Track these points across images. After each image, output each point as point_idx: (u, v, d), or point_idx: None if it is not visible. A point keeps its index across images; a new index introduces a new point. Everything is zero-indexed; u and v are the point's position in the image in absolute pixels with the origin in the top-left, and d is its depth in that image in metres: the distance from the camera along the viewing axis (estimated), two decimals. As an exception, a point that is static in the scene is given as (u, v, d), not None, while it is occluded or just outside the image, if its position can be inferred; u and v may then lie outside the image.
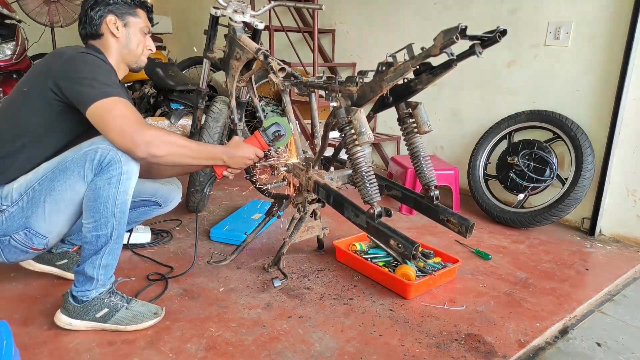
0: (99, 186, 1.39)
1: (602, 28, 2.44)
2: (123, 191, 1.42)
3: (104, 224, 1.42)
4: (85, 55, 1.45)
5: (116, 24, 1.57)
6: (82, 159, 1.39)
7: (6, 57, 3.33)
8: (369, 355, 1.43)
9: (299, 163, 1.82)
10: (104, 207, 1.40)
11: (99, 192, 1.39)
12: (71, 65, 1.41)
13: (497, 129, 2.80)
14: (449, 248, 2.22)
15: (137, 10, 1.62)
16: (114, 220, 1.43)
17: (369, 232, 1.48)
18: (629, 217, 2.46)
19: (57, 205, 1.43)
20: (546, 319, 1.66)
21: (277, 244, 2.19)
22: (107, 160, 1.38)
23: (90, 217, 1.42)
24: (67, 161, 1.41)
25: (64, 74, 1.40)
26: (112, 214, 1.42)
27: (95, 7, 1.55)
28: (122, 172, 1.39)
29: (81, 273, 1.46)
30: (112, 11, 1.57)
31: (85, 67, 1.41)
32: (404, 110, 1.62)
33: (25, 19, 4.13)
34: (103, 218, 1.41)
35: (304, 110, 3.70)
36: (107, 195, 1.40)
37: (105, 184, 1.39)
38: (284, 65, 1.72)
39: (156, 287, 1.78)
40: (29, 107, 1.45)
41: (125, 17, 1.59)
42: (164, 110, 3.86)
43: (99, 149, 1.38)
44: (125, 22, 1.59)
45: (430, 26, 3.25)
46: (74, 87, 1.38)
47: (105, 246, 1.44)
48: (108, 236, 1.43)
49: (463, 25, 1.15)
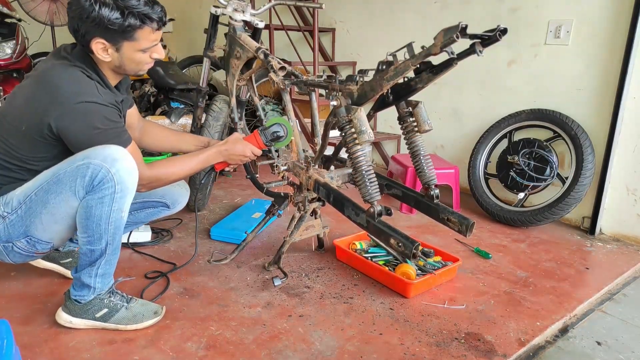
0: (91, 205, 1.34)
1: (603, 27, 2.44)
2: (117, 209, 1.37)
3: (98, 240, 1.39)
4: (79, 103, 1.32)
5: (106, 48, 1.37)
6: (74, 174, 1.33)
7: (6, 56, 3.33)
8: (369, 354, 1.43)
9: (299, 162, 1.82)
10: (97, 225, 1.37)
11: (91, 211, 1.35)
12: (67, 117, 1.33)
13: (498, 128, 2.80)
14: (449, 247, 2.22)
15: (135, 33, 1.37)
16: (107, 236, 1.39)
17: (369, 231, 1.48)
18: (629, 216, 2.46)
19: (53, 216, 1.39)
20: (546, 318, 1.66)
21: (277, 243, 2.19)
22: (99, 178, 1.32)
23: (84, 232, 1.39)
24: (60, 174, 1.35)
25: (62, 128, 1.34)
26: (105, 230, 1.38)
27: (81, 25, 1.33)
28: (115, 192, 1.34)
29: (78, 279, 1.46)
30: (100, 35, 1.34)
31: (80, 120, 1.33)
32: (404, 109, 1.62)
33: (26, 18, 4.13)
34: (96, 234, 1.38)
35: (305, 109, 3.70)
36: (100, 214, 1.35)
37: (97, 203, 1.34)
38: (284, 64, 1.71)
39: (157, 287, 1.78)
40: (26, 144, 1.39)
41: (118, 42, 1.36)
42: (164, 109, 3.86)
43: (90, 165, 1.31)
44: (117, 46, 1.37)
45: (430, 25, 3.25)
46: (72, 140, 1.36)
47: (100, 258, 1.42)
48: (102, 250, 1.41)
49: (463, 24, 1.15)
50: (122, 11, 1.32)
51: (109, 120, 1.38)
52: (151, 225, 2.27)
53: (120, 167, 1.33)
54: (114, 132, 1.40)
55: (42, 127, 1.35)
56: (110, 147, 1.35)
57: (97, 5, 1.30)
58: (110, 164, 1.32)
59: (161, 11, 1.40)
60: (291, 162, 1.86)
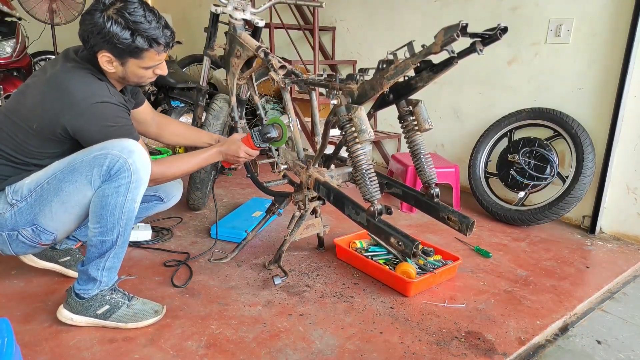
0: (107, 194, 1.38)
1: (603, 25, 2.43)
2: (131, 199, 1.41)
3: (110, 230, 1.42)
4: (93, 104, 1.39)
5: (111, 61, 1.43)
6: (91, 163, 1.37)
7: (6, 55, 3.33)
8: (369, 353, 1.43)
9: (299, 161, 1.82)
10: (111, 215, 1.40)
11: (106, 200, 1.38)
12: (82, 118, 1.39)
13: (498, 127, 2.80)
14: (449, 246, 2.23)
15: (141, 53, 1.42)
16: (120, 227, 1.42)
17: (370, 229, 1.48)
18: (629, 215, 2.46)
19: (64, 205, 1.42)
20: (546, 317, 1.66)
21: (277, 242, 2.19)
22: (117, 168, 1.36)
23: (97, 222, 1.41)
24: (77, 163, 1.39)
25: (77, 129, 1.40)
26: (118, 221, 1.41)
27: (91, 37, 1.38)
28: (131, 181, 1.38)
29: (85, 273, 1.47)
30: (108, 49, 1.39)
31: (95, 120, 1.40)
32: (405, 108, 1.61)
33: (26, 17, 4.13)
34: (110, 224, 1.41)
35: (305, 107, 3.70)
36: (115, 203, 1.39)
37: (113, 192, 1.38)
38: (285, 62, 1.71)
39: (158, 286, 1.79)
40: (36, 141, 1.44)
41: (124, 58, 1.42)
42: (164, 107, 3.87)
43: (108, 155, 1.36)
44: (123, 61, 1.43)
45: (430, 24, 3.25)
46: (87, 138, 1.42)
47: (110, 250, 1.44)
48: (113, 241, 1.44)
49: (464, 23, 1.15)
50: (132, 32, 1.38)
51: (121, 118, 1.46)
52: (151, 224, 2.27)
53: (136, 158, 1.38)
54: (126, 129, 1.46)
55: (55, 128, 1.41)
56: (127, 140, 1.40)
57: (110, 23, 1.35)
58: (128, 154, 1.37)
59: (170, 35, 1.46)
60: (291, 161, 1.86)
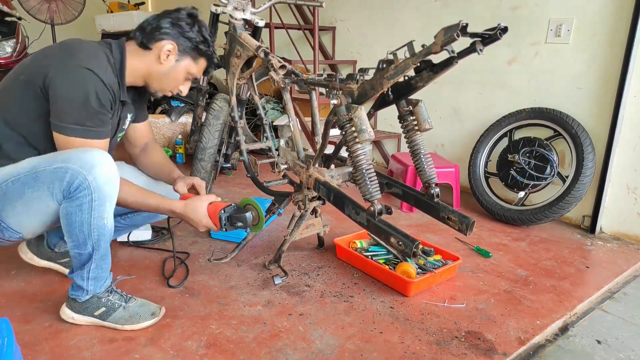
0: (70, 212, 1.33)
1: (603, 25, 2.43)
2: (98, 217, 1.35)
3: (83, 244, 1.38)
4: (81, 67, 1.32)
5: (170, 54, 1.47)
6: (53, 175, 1.30)
7: (6, 55, 3.34)
8: (369, 353, 1.43)
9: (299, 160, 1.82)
10: (79, 231, 1.36)
11: (71, 218, 1.34)
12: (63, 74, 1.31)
13: (498, 127, 2.80)
14: (449, 246, 2.23)
15: (200, 59, 1.53)
16: (92, 242, 1.38)
17: (370, 229, 1.48)
18: (629, 214, 2.46)
19: (27, 208, 1.36)
20: (546, 317, 1.66)
21: (277, 242, 2.19)
22: (76, 185, 1.29)
23: (68, 237, 1.38)
24: (39, 171, 1.32)
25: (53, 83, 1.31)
26: (89, 236, 1.37)
27: (166, 26, 1.44)
28: (92, 199, 1.32)
29: (73, 280, 1.46)
30: (176, 41, 1.46)
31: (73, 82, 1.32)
32: (405, 108, 1.62)
33: (26, 17, 4.13)
34: (81, 239, 1.37)
35: (305, 107, 3.69)
36: (81, 221, 1.34)
37: (76, 210, 1.32)
38: (285, 62, 1.71)
39: (158, 285, 1.79)
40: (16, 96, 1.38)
41: (184, 54, 1.50)
42: (164, 107, 3.87)
43: (68, 170, 1.29)
44: (181, 57, 1.50)
45: (430, 23, 3.25)
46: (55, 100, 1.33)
47: (88, 262, 1.42)
48: (90, 254, 1.40)
49: (464, 23, 1.15)
50: (203, 40, 1.51)
51: (98, 101, 1.35)
52: (151, 224, 2.27)
53: (97, 174, 1.30)
54: (97, 120, 1.37)
55: (39, 78, 1.32)
56: (91, 151, 1.32)
57: (189, 25, 1.48)
58: (88, 170, 1.29)
59: (215, 65, 1.61)
60: (291, 161, 1.86)
